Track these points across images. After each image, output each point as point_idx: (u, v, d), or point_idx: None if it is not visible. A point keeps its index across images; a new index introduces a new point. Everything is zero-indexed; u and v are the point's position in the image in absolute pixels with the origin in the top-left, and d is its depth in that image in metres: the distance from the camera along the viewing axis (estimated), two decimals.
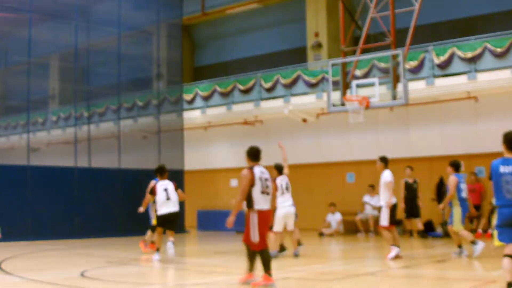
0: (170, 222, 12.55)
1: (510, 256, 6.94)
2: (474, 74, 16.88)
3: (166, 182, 12.64)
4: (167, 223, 12.54)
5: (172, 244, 12.36)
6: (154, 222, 13.44)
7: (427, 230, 17.47)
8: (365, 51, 16.61)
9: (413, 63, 17.63)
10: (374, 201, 18.62)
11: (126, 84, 21.92)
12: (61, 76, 24.83)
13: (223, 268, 11.48)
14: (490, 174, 8.05)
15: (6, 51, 23.12)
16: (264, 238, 8.32)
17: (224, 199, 22.00)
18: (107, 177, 19.86)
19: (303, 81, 20.18)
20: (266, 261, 8.32)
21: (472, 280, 9.28)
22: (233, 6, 24.93)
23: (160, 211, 12.42)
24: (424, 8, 15.66)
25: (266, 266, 8.32)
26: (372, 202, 18.97)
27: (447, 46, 17.48)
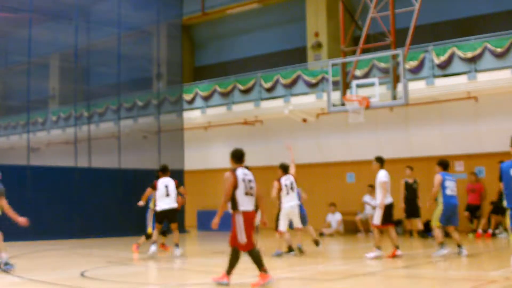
0: (169, 217, 12.99)
1: None
2: (474, 74, 16.88)
3: (168, 179, 13.03)
4: (167, 219, 13.00)
5: (178, 250, 12.99)
6: (149, 230, 13.86)
7: (427, 230, 17.45)
8: (365, 51, 16.62)
9: (413, 63, 17.63)
10: (374, 201, 18.60)
11: (126, 84, 21.93)
12: (61, 76, 24.84)
13: (223, 268, 11.47)
14: (500, 176, 8.15)
15: (6, 51, 23.13)
16: (250, 238, 8.42)
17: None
18: (107, 177, 19.85)
19: (303, 81, 20.18)
20: (257, 260, 8.40)
21: (472, 280, 9.28)
22: (233, 6, 24.94)
23: (159, 207, 12.82)
24: (424, 8, 15.67)
25: (259, 264, 8.39)
26: (372, 202, 18.95)
27: (447, 46, 17.48)
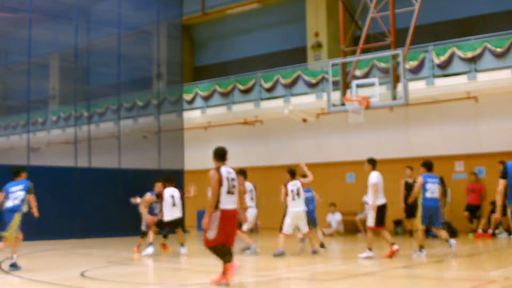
0: (176, 225, 13.57)
1: None
2: (474, 74, 16.88)
3: (173, 189, 13.49)
4: (172, 225, 13.55)
5: (184, 249, 13.58)
6: (143, 228, 14.19)
7: (427, 230, 17.40)
8: (365, 51, 16.61)
9: (413, 63, 17.63)
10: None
11: (126, 84, 21.92)
12: (61, 76, 24.83)
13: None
14: (502, 173, 8.41)
15: (6, 51, 23.12)
16: (220, 237, 8.35)
17: None
18: (107, 177, 19.84)
19: (303, 81, 20.18)
20: (220, 253, 8.39)
21: (472, 280, 9.28)
22: (233, 6, 24.94)
23: (166, 217, 13.31)
24: (424, 8, 15.66)
25: (223, 257, 8.39)
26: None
27: (447, 46, 17.48)
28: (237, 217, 8.69)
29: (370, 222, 12.19)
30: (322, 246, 13.60)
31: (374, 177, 12.22)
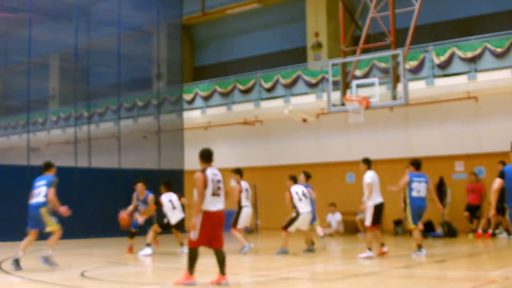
0: (179, 225, 13.73)
1: None
2: (474, 74, 16.88)
3: (170, 194, 13.66)
4: (176, 226, 13.72)
5: (185, 248, 13.37)
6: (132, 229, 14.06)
7: (427, 230, 17.44)
8: (365, 51, 16.62)
9: (413, 63, 17.63)
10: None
11: (126, 84, 21.92)
12: (61, 76, 24.82)
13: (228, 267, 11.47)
14: (500, 174, 8.66)
15: (6, 51, 23.12)
16: (202, 238, 8.34)
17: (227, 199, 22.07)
18: (107, 177, 19.84)
19: (303, 81, 20.17)
20: (191, 259, 8.40)
21: (472, 280, 9.28)
22: (233, 6, 24.93)
23: (172, 220, 13.49)
24: (424, 8, 15.67)
25: (190, 264, 8.40)
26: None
27: (447, 46, 17.48)
28: (223, 218, 8.64)
29: (368, 221, 12.21)
30: (313, 243, 13.56)
31: (369, 176, 12.25)
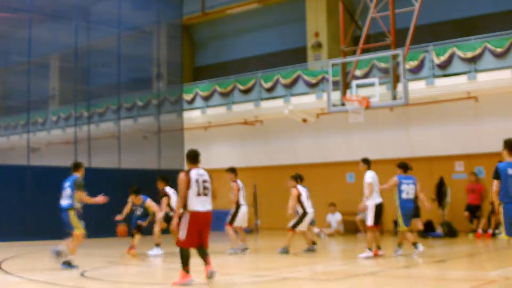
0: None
1: None
2: (474, 74, 16.87)
3: (169, 188, 13.92)
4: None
5: None
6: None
7: (427, 230, 17.45)
8: (365, 51, 16.60)
9: (413, 63, 17.63)
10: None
11: (126, 84, 21.91)
12: (61, 76, 24.82)
13: (223, 268, 11.48)
14: (495, 174, 8.89)
15: (6, 51, 23.12)
16: (190, 238, 8.44)
17: (223, 199, 22.04)
18: (107, 177, 19.82)
19: (303, 81, 20.17)
20: (183, 259, 8.50)
21: (472, 280, 9.28)
22: (233, 6, 24.93)
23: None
24: (424, 8, 15.66)
25: (184, 263, 8.50)
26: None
27: (447, 46, 17.48)
28: (210, 217, 8.69)
29: (369, 221, 12.21)
30: (313, 243, 13.75)
31: (369, 176, 12.28)
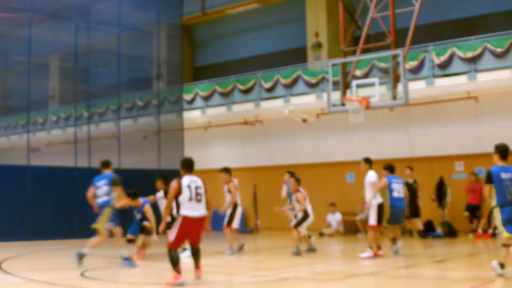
0: None
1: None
2: (474, 74, 16.88)
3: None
4: None
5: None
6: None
7: (427, 230, 17.45)
8: (365, 51, 16.60)
9: (413, 63, 17.63)
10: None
11: (126, 84, 21.92)
12: (61, 76, 24.84)
13: (223, 268, 11.49)
14: (488, 179, 8.97)
15: (6, 51, 23.14)
16: (178, 240, 8.72)
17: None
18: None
19: (303, 81, 20.17)
20: (173, 260, 8.67)
21: (472, 280, 9.28)
22: (233, 6, 24.93)
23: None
24: (424, 8, 15.65)
25: (174, 265, 8.65)
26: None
27: (447, 46, 17.48)
28: (203, 223, 8.90)
29: (372, 220, 12.18)
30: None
31: (373, 175, 12.27)
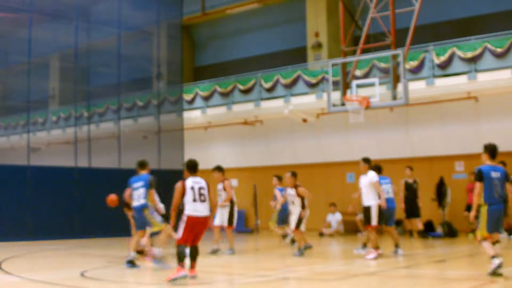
0: None
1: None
2: (474, 74, 16.88)
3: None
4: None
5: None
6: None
7: (427, 230, 17.45)
8: (365, 51, 16.60)
9: (413, 63, 17.63)
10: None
11: (126, 84, 21.91)
12: (61, 76, 24.84)
13: (223, 268, 11.49)
14: (479, 177, 9.25)
15: (6, 51, 23.12)
16: (185, 238, 8.99)
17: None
18: (107, 177, 19.82)
19: (303, 81, 20.17)
20: (179, 255, 8.95)
21: (472, 280, 9.28)
22: (233, 6, 24.93)
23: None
24: (424, 8, 15.66)
25: (180, 259, 8.94)
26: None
27: (447, 46, 17.49)
28: (206, 223, 9.18)
29: (373, 221, 12.16)
30: (293, 241, 13.91)
31: (374, 175, 12.23)
